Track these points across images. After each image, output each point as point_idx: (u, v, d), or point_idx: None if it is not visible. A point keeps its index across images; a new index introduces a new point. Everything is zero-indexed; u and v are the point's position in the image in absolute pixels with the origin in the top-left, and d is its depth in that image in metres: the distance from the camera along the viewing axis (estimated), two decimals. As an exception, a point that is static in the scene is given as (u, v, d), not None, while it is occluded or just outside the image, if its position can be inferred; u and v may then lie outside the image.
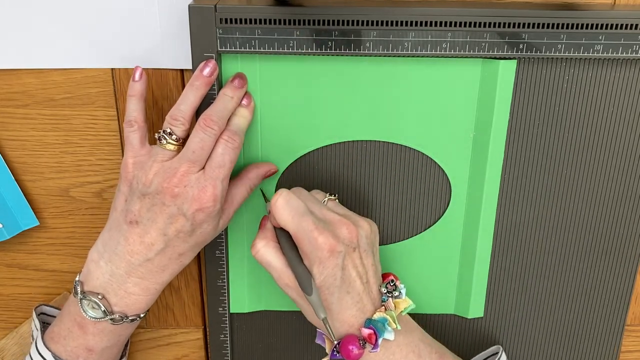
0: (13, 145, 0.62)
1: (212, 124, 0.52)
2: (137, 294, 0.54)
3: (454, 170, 0.60)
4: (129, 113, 0.53)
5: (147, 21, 0.56)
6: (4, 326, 0.70)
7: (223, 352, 0.66)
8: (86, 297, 0.54)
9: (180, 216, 0.51)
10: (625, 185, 0.61)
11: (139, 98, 0.54)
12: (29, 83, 0.59)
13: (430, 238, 0.63)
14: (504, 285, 0.65)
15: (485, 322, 0.67)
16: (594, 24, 0.52)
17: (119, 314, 0.54)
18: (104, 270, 0.54)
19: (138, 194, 0.52)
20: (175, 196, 0.51)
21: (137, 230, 0.52)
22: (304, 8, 0.52)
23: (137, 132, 0.53)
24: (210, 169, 0.52)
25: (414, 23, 0.53)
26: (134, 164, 0.53)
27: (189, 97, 0.53)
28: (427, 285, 0.65)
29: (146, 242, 0.52)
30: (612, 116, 0.58)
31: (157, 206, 0.51)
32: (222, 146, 0.52)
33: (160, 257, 0.53)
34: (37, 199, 0.64)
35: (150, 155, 0.53)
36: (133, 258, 0.53)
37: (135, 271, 0.53)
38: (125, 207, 0.53)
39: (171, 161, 0.52)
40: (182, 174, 0.51)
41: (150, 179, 0.51)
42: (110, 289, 0.54)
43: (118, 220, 0.53)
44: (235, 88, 0.54)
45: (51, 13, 0.56)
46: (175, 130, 0.52)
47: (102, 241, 0.54)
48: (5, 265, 0.67)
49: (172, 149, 0.52)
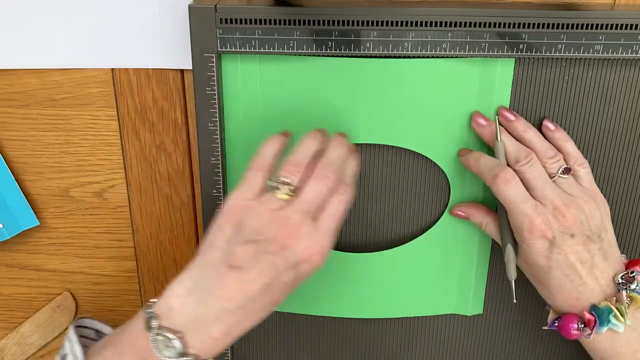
0: (13, 145, 0.62)
1: (330, 175, 0.50)
2: (218, 339, 0.49)
3: (453, 170, 0.60)
4: (266, 157, 0.52)
5: (147, 21, 0.56)
6: (4, 326, 0.70)
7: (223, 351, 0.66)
8: (162, 334, 0.48)
9: (286, 267, 0.49)
10: (625, 185, 0.61)
11: (281, 147, 0.53)
12: (29, 83, 0.59)
13: (430, 239, 0.63)
14: (504, 280, 0.65)
15: (484, 320, 0.67)
16: (594, 24, 0.52)
17: (193, 356, 0.49)
18: (191, 310, 0.49)
19: (244, 239, 0.49)
20: (285, 247, 0.48)
21: (237, 276, 0.48)
22: (304, 8, 0.52)
23: (264, 178, 0.51)
24: (323, 222, 0.50)
25: (414, 23, 0.53)
26: (244, 207, 0.50)
27: (309, 147, 0.52)
28: (427, 286, 0.65)
29: (244, 289, 0.49)
30: (612, 116, 0.58)
31: (264, 255, 0.48)
32: (338, 199, 0.50)
33: (254, 304, 0.49)
34: (37, 199, 0.64)
35: (261, 202, 0.50)
36: (227, 303, 0.49)
37: (225, 317, 0.49)
38: (226, 249, 0.49)
39: (284, 210, 0.49)
40: (295, 225, 0.49)
41: (261, 226, 0.49)
42: (193, 329, 0.49)
43: (215, 260, 0.49)
44: (344, 135, 0.55)
45: (51, 13, 0.56)
46: (292, 179, 0.50)
47: (192, 278, 0.50)
48: (5, 265, 0.67)
49: (286, 199, 0.50)
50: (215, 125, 0.56)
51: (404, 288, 0.64)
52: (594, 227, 0.54)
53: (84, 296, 0.69)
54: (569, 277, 0.54)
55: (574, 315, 0.54)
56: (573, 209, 0.53)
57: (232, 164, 0.59)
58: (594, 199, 0.55)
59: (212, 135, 0.57)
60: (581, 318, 0.54)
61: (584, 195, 0.54)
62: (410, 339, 0.68)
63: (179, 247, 0.66)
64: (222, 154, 0.58)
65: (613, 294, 0.54)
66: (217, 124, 0.56)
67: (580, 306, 0.54)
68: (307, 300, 0.65)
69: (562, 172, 0.55)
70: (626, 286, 0.54)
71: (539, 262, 0.54)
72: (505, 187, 0.53)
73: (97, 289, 0.69)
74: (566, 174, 0.55)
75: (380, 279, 0.64)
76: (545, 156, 0.55)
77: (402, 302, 0.65)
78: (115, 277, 0.68)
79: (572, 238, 0.53)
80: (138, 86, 0.59)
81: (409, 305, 0.65)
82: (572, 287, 0.54)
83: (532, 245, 0.53)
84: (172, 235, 0.66)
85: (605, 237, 0.55)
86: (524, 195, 0.53)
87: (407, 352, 0.69)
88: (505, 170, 0.53)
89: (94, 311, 0.70)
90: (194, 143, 0.61)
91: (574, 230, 0.53)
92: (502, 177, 0.53)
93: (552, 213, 0.53)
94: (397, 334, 0.68)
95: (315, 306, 0.66)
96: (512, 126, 0.56)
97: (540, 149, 0.55)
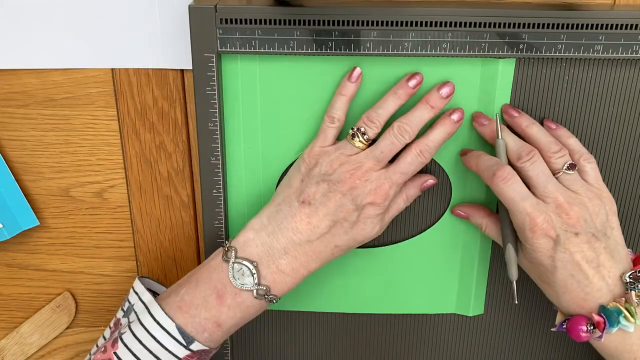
0: (13, 145, 0.62)
1: (405, 133, 0.54)
2: (286, 274, 0.54)
3: (454, 170, 0.60)
4: (335, 110, 0.55)
5: (147, 21, 0.56)
6: (4, 326, 0.70)
7: (223, 351, 0.66)
8: (239, 263, 0.53)
9: (351, 206, 0.53)
10: (625, 185, 0.61)
11: (348, 98, 0.55)
12: (29, 83, 0.59)
13: (431, 238, 0.63)
14: (505, 281, 0.65)
15: (485, 320, 0.67)
16: (594, 24, 0.52)
17: (265, 287, 0.54)
18: (264, 241, 0.54)
19: (317, 178, 0.54)
20: (354, 188, 0.53)
21: (307, 211, 0.54)
22: (304, 8, 0.52)
23: (336, 129, 0.56)
24: (392, 172, 0.54)
25: (414, 23, 0.53)
26: (321, 151, 0.55)
27: (389, 104, 0.55)
28: (428, 285, 0.65)
29: (312, 223, 0.54)
30: (612, 116, 0.58)
31: (333, 193, 0.53)
32: (412, 157, 0.54)
33: (319, 242, 0.54)
34: (37, 199, 0.64)
35: (337, 148, 0.55)
36: (295, 236, 0.54)
37: (293, 250, 0.54)
38: (300, 187, 0.54)
39: (357, 155, 0.54)
40: (366, 169, 0.53)
41: (334, 168, 0.54)
42: (265, 260, 0.54)
43: (290, 197, 0.55)
44: (439, 98, 0.55)
45: (51, 13, 0.56)
46: (368, 131, 0.54)
47: (268, 214, 0.55)
48: (6, 265, 0.67)
49: (360, 147, 0.54)
50: (215, 125, 0.56)
51: (404, 284, 0.64)
52: (599, 225, 0.53)
53: (84, 296, 0.69)
54: (575, 277, 0.53)
55: (582, 317, 0.53)
56: (577, 207, 0.53)
57: (232, 164, 0.60)
58: (599, 196, 0.54)
59: (212, 135, 0.57)
60: (590, 320, 0.53)
61: (589, 192, 0.54)
62: (410, 338, 0.68)
63: (179, 247, 0.66)
64: (222, 154, 0.58)
65: (621, 294, 0.53)
66: (217, 124, 0.56)
67: (588, 307, 0.53)
68: (308, 295, 0.65)
69: (567, 168, 0.54)
70: (634, 285, 0.53)
71: (543, 261, 0.53)
72: (503, 185, 0.53)
73: (97, 289, 0.69)
74: (571, 169, 0.54)
75: (380, 275, 0.64)
76: (549, 151, 0.54)
77: (402, 298, 0.65)
78: (115, 277, 0.68)
79: (576, 236, 0.52)
80: (138, 86, 0.59)
81: (409, 302, 0.66)
82: (579, 287, 0.53)
83: (536, 245, 0.53)
84: (172, 235, 0.66)
85: (611, 235, 0.54)
86: (524, 193, 0.53)
87: (407, 351, 0.69)
88: (504, 168, 0.53)
89: (94, 311, 0.70)
90: (194, 143, 0.61)
91: (578, 229, 0.52)
92: (499, 175, 0.53)
93: (555, 211, 0.52)
94: (398, 334, 0.68)
95: (316, 301, 0.66)
96: (516, 122, 0.56)
97: (545, 144, 0.55)
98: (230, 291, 0.54)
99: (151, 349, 0.53)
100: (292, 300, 0.65)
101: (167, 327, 0.53)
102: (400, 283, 0.64)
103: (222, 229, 0.61)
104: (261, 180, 0.60)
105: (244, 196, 0.61)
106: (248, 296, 0.54)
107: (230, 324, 0.54)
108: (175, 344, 0.53)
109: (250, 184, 0.61)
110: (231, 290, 0.54)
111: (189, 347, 0.53)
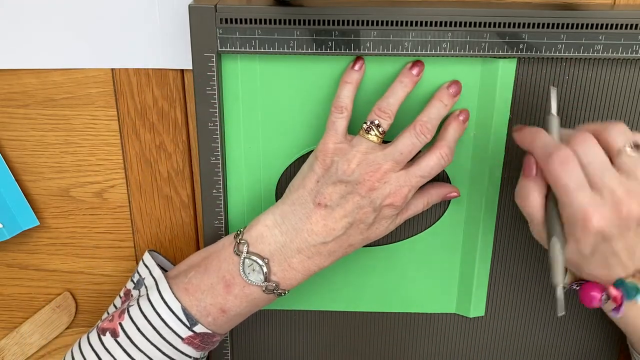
0: (13, 145, 0.62)
1: (427, 132, 0.53)
2: (297, 271, 0.54)
3: (454, 170, 0.60)
4: (342, 99, 0.54)
5: (147, 21, 0.56)
6: (4, 326, 0.70)
7: (223, 351, 0.66)
8: (250, 258, 0.54)
9: (369, 208, 0.53)
10: (625, 185, 0.61)
11: (354, 85, 0.55)
12: (29, 83, 0.59)
13: (431, 237, 0.63)
14: (505, 283, 0.65)
15: (486, 321, 0.67)
16: (594, 24, 0.52)
17: (274, 283, 0.54)
18: (277, 240, 0.54)
19: (334, 180, 0.53)
20: (373, 189, 0.52)
21: (323, 212, 0.53)
22: (304, 8, 0.52)
23: (345, 119, 0.54)
24: (413, 174, 0.53)
25: (414, 23, 0.53)
26: (335, 149, 0.53)
27: (397, 92, 0.54)
28: (428, 284, 0.65)
29: (329, 226, 0.53)
30: (612, 116, 0.58)
31: (352, 195, 0.53)
32: (436, 159, 0.54)
33: (334, 243, 0.54)
34: (37, 199, 0.64)
35: (352, 145, 0.53)
36: (310, 237, 0.53)
37: (306, 250, 0.54)
38: (316, 188, 0.54)
39: (375, 155, 0.53)
40: (385, 171, 0.52)
41: (352, 169, 0.52)
42: (277, 258, 0.54)
43: (305, 198, 0.54)
44: (450, 96, 0.55)
45: (51, 13, 0.56)
46: (382, 122, 0.53)
47: (282, 212, 0.55)
48: (6, 265, 0.67)
49: (376, 141, 0.53)
50: (215, 125, 0.56)
51: (404, 283, 0.64)
52: None
53: (84, 296, 0.69)
54: (608, 259, 0.49)
55: (597, 285, 0.51)
56: (636, 201, 0.46)
57: (232, 164, 0.60)
58: None
59: (212, 135, 0.57)
60: (606, 290, 0.50)
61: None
62: (411, 338, 0.68)
63: (179, 247, 0.66)
64: (222, 154, 0.58)
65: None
66: (217, 124, 0.56)
67: (607, 279, 0.50)
68: (308, 294, 0.65)
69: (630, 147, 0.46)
70: None
71: (582, 251, 0.49)
72: (560, 168, 0.46)
73: (97, 289, 0.69)
74: (637, 150, 0.47)
75: (381, 274, 0.64)
76: (606, 129, 0.47)
77: (402, 297, 0.65)
78: (115, 277, 0.68)
79: (628, 231, 0.47)
80: (138, 86, 0.59)
81: (410, 301, 0.66)
82: (606, 265, 0.49)
83: (582, 240, 0.48)
84: (172, 235, 0.66)
85: None
86: (581, 182, 0.46)
87: (407, 351, 0.69)
88: (564, 149, 0.46)
89: (94, 311, 0.70)
90: (194, 143, 0.61)
91: (631, 224, 0.47)
92: (557, 156, 0.46)
93: (612, 207, 0.46)
94: (398, 333, 0.68)
95: (317, 300, 0.66)
96: None
97: (599, 126, 0.48)
98: (239, 283, 0.54)
99: (155, 325, 0.54)
100: (293, 299, 0.65)
101: (172, 306, 0.54)
102: (401, 282, 0.65)
103: (222, 229, 0.61)
104: (261, 180, 0.60)
105: (244, 196, 0.61)
106: (256, 289, 0.54)
107: (235, 312, 0.55)
108: (179, 324, 0.54)
109: (250, 184, 0.61)
110: (240, 282, 0.54)
111: (192, 328, 0.54)
